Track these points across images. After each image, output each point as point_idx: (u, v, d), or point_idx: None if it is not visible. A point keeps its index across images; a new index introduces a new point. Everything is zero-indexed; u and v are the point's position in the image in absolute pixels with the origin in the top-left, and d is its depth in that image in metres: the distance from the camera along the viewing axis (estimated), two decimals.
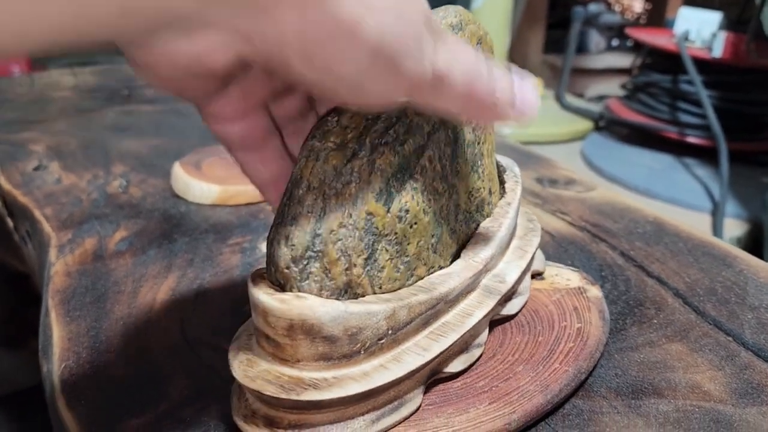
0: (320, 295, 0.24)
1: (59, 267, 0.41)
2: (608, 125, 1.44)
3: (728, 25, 1.11)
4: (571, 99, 1.61)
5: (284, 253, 0.24)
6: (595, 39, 2.17)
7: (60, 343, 0.33)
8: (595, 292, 0.35)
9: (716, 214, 0.97)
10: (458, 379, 0.29)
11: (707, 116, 1.05)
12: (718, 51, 1.07)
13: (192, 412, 0.28)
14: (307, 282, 0.24)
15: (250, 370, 0.24)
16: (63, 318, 0.36)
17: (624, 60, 1.97)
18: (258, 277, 0.25)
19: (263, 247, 0.44)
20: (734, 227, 0.96)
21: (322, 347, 0.23)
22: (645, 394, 0.29)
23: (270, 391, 0.23)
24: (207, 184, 0.51)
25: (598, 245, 0.44)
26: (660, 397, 0.29)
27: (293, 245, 0.23)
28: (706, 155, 1.08)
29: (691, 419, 0.28)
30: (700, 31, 1.11)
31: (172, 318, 0.36)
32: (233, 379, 0.25)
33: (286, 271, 0.24)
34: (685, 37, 1.12)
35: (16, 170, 0.58)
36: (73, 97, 0.87)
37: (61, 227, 0.47)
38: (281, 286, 0.24)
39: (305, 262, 0.24)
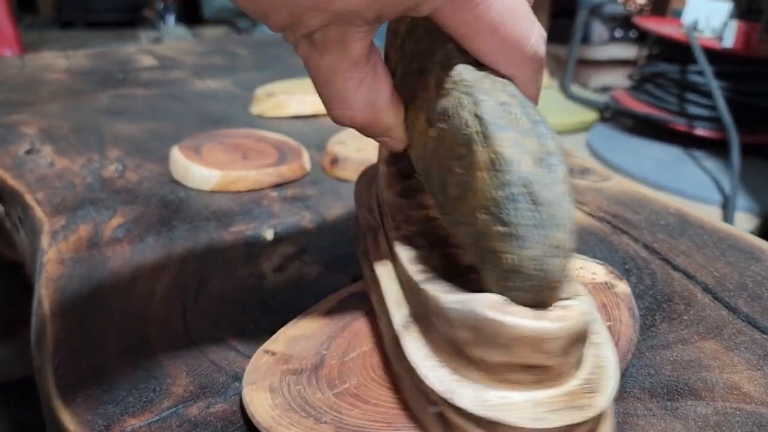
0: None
1: (52, 254, 0.39)
2: (614, 116, 1.42)
3: (739, 14, 1.08)
4: (576, 89, 1.59)
5: (559, 265, 0.20)
6: (598, 30, 2.15)
7: (54, 336, 0.31)
8: (623, 287, 0.33)
9: (727, 207, 0.95)
10: None
11: (717, 107, 1.03)
12: (729, 41, 1.05)
13: (197, 410, 0.26)
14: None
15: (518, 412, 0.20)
16: (57, 309, 0.33)
17: (627, 51, 1.95)
18: (499, 305, 0.21)
19: (268, 235, 0.42)
20: (745, 221, 0.95)
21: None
22: (681, 395, 0.28)
23: (567, 419, 0.20)
24: (207, 169, 0.49)
25: (620, 237, 0.42)
26: (697, 398, 0.27)
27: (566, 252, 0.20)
28: (715, 147, 1.06)
29: (733, 423, 0.26)
30: (709, 20, 1.09)
31: (172, 309, 0.33)
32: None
33: (559, 283, 0.21)
34: (694, 27, 1.10)
35: (7, 153, 0.56)
36: (65, 80, 0.84)
37: (54, 212, 0.44)
38: (540, 304, 0.21)
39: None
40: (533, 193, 0.20)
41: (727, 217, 0.94)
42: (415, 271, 0.25)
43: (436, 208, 0.29)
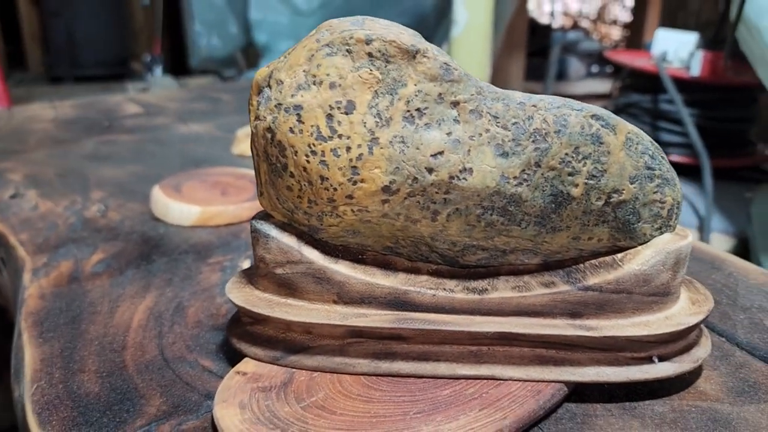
0: None
1: (33, 290, 0.40)
2: None
3: (705, 44, 1.12)
4: None
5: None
6: (575, 66, 2.21)
7: (32, 365, 0.32)
8: None
9: (703, 229, 0.97)
10: (447, 387, 0.28)
11: (689, 134, 1.06)
12: (696, 70, 1.08)
13: (169, 428, 0.27)
14: None
15: None
16: (35, 339, 0.34)
17: (604, 86, 2.01)
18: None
19: (245, 265, 0.43)
20: (721, 242, 0.96)
21: None
22: (638, 395, 0.29)
23: None
24: (187, 205, 0.50)
25: None
26: (654, 397, 0.28)
27: None
28: (689, 172, 1.09)
29: (688, 419, 0.27)
30: (677, 51, 1.13)
31: (149, 336, 0.34)
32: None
33: None
34: (663, 58, 1.14)
35: None
36: (52, 129, 0.86)
37: (37, 251, 0.45)
38: None
39: None
40: (655, 147, 0.27)
41: (703, 239, 0.96)
42: None
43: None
